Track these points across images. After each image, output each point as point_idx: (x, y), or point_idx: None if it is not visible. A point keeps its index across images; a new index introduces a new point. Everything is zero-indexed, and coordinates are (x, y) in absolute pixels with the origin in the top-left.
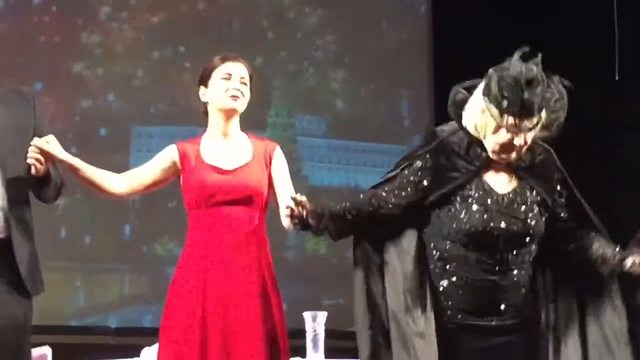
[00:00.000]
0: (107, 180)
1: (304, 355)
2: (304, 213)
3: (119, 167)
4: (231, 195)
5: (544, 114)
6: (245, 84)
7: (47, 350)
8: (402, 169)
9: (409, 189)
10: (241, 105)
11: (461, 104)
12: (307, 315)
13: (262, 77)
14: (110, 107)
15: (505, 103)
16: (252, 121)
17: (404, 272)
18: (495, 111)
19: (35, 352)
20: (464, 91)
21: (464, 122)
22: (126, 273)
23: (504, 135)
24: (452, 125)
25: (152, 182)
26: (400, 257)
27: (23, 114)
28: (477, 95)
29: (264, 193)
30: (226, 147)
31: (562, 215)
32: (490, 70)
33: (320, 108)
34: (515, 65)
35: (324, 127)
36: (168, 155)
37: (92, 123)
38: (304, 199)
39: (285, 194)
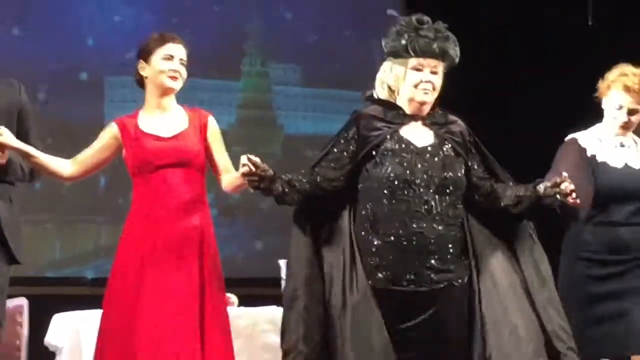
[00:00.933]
0: (59, 167)
1: (280, 303)
2: (258, 172)
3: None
4: (170, 160)
5: (443, 53)
6: (183, 64)
7: (23, 302)
8: (333, 145)
9: (342, 159)
10: (179, 84)
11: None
12: (282, 262)
13: (236, 26)
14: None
15: (405, 41)
16: (226, 71)
17: (340, 247)
18: (400, 59)
19: (12, 303)
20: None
21: (377, 93)
22: (102, 224)
23: (415, 76)
24: (367, 104)
25: (99, 161)
26: (336, 233)
27: (10, 98)
28: (383, 65)
29: (201, 156)
30: (163, 119)
31: (476, 167)
32: (385, 41)
33: (295, 57)
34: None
35: (298, 75)
36: (109, 133)
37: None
38: (257, 159)
39: (222, 160)
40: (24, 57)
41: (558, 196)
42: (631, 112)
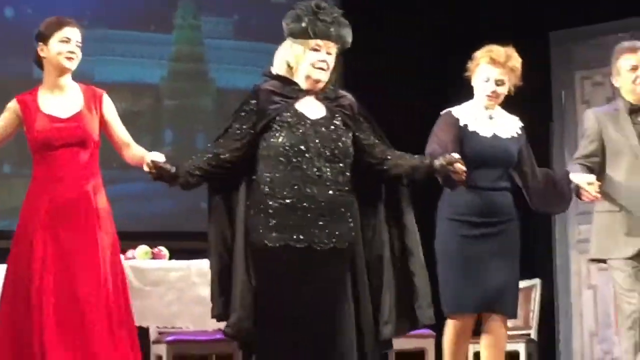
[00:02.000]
0: None
1: None
2: (161, 172)
3: None
4: (67, 140)
5: (339, 36)
6: (79, 46)
7: None
8: (235, 118)
9: (243, 131)
10: (74, 64)
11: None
12: None
13: None
14: None
15: (305, 24)
16: (159, 24)
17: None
18: (300, 40)
19: None
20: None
21: (274, 70)
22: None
23: (313, 56)
24: (267, 81)
25: (2, 136)
26: (240, 203)
27: None
28: (282, 45)
29: (96, 135)
30: (61, 98)
31: (365, 137)
32: (286, 22)
33: (228, 9)
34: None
35: (231, 28)
36: (11, 109)
37: None
38: (161, 161)
39: (120, 135)
40: None
41: (450, 173)
42: (498, 83)
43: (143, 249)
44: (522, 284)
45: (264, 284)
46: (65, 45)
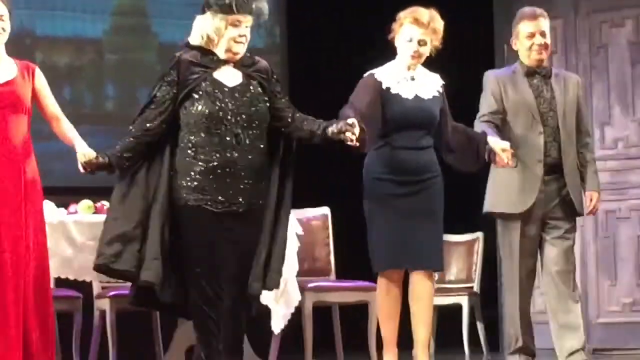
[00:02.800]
0: None
1: None
2: (95, 168)
3: None
4: (2, 103)
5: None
6: (4, 20)
7: None
8: (158, 89)
9: (165, 102)
10: (2, 38)
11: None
12: None
13: None
14: None
15: (228, 4)
16: None
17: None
18: (221, 15)
19: None
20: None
21: (192, 41)
22: None
23: (232, 31)
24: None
25: None
26: (164, 167)
27: None
28: (202, 17)
29: (28, 100)
30: None
31: (278, 99)
32: None
33: None
34: None
35: None
36: None
37: None
38: (92, 156)
39: (50, 108)
40: None
41: (343, 139)
42: (420, 43)
43: (86, 203)
44: (465, 237)
45: (185, 239)
46: None
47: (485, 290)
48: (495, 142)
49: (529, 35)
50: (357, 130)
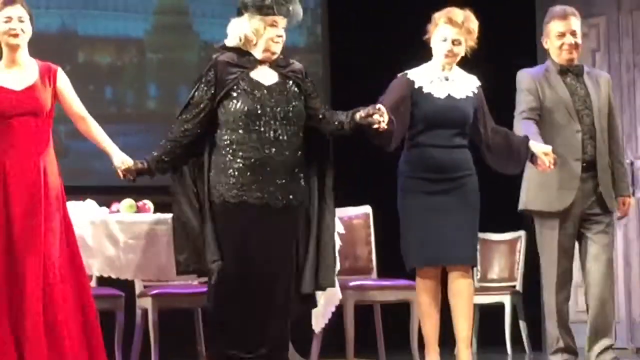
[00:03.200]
0: None
1: None
2: (136, 174)
3: None
4: (21, 110)
5: (296, 14)
6: (23, 21)
7: None
8: (196, 89)
9: (203, 102)
10: (23, 40)
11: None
12: None
13: None
14: None
15: (269, 2)
16: None
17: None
18: (259, 16)
19: None
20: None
21: (229, 42)
22: None
23: (270, 32)
24: (223, 53)
25: None
26: (204, 166)
27: None
28: (239, 19)
29: (48, 104)
30: (16, 72)
31: (313, 98)
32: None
33: None
34: None
35: None
36: None
37: None
38: (130, 164)
39: (75, 108)
40: None
41: (371, 123)
42: (454, 43)
43: (128, 202)
44: (507, 236)
45: (225, 237)
46: (6, 24)
47: (528, 288)
48: (538, 147)
49: (560, 34)
50: (385, 115)
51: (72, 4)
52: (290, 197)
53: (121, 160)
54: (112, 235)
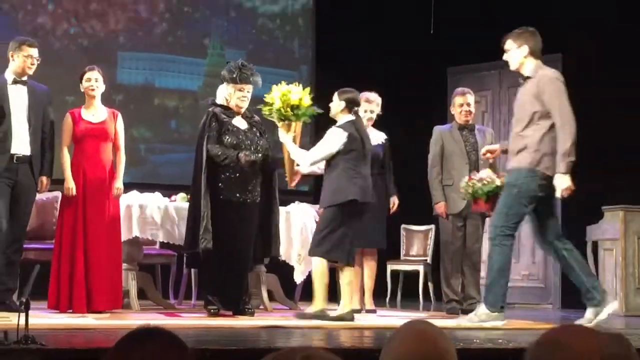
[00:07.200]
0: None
1: None
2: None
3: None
4: (96, 134)
5: (255, 82)
6: (98, 81)
7: None
8: (210, 126)
9: (213, 133)
10: (98, 92)
11: (213, 102)
12: None
13: (204, 25)
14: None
15: (235, 75)
16: (197, 52)
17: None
18: (232, 84)
19: None
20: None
21: (218, 100)
22: None
23: (239, 94)
24: (215, 107)
25: (70, 140)
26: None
27: (45, 99)
28: (222, 86)
29: (112, 135)
30: (93, 112)
31: (265, 138)
32: (224, 73)
33: (240, 44)
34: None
35: (244, 55)
36: (68, 119)
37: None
38: (121, 188)
39: (119, 143)
40: None
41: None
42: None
43: (182, 195)
44: (423, 227)
45: (219, 222)
46: (88, 83)
47: (434, 261)
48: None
49: (460, 104)
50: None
51: (152, 66)
52: (256, 195)
53: (116, 186)
54: (171, 216)
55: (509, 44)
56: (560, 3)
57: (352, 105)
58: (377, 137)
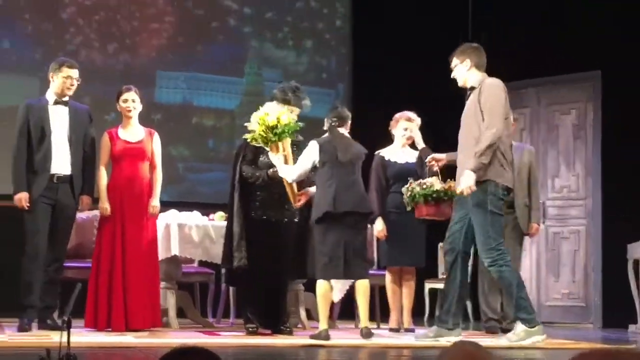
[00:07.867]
0: (104, 175)
1: None
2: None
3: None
4: (133, 154)
5: (305, 105)
6: (135, 101)
7: None
8: (246, 148)
9: (249, 154)
10: (135, 113)
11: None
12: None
13: (244, 45)
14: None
15: (290, 99)
16: (235, 71)
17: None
18: (283, 104)
19: None
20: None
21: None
22: None
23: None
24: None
25: (109, 159)
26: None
27: (86, 118)
28: (272, 105)
29: (149, 153)
30: (130, 132)
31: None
32: (276, 92)
33: (276, 65)
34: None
35: (280, 74)
36: (106, 138)
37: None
38: (157, 207)
39: (155, 161)
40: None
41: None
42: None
43: (220, 213)
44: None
45: (255, 241)
46: (125, 103)
47: (472, 280)
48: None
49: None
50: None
51: (191, 85)
52: (291, 215)
53: (152, 204)
54: (209, 235)
55: (454, 61)
56: (598, 20)
57: (336, 120)
58: (412, 155)
